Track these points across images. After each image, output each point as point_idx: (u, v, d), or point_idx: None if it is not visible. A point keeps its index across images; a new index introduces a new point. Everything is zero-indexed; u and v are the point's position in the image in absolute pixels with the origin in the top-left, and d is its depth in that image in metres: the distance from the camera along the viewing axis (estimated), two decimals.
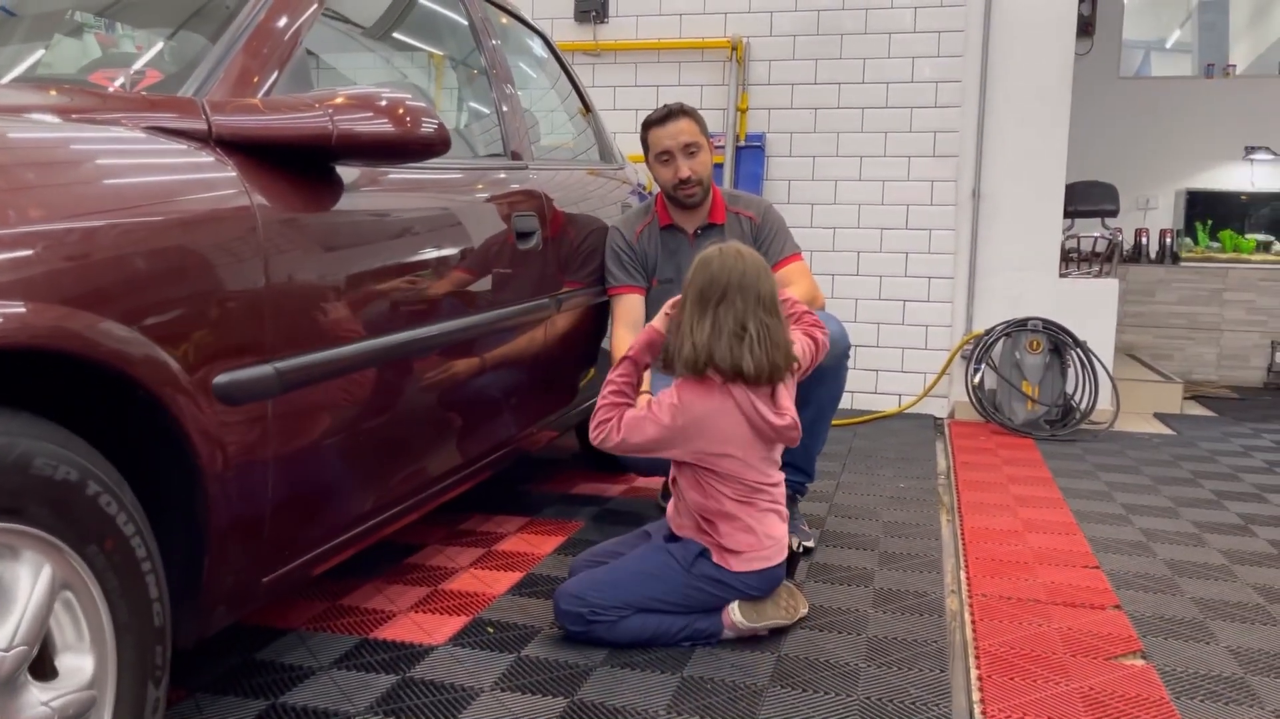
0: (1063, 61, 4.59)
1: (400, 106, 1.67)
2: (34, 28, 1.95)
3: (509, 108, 2.65)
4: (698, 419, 2.04)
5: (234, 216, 1.43)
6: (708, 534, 2.10)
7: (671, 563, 2.10)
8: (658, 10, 4.97)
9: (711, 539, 2.09)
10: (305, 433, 1.61)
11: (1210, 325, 6.17)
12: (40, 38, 1.92)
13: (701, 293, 2.02)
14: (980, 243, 4.73)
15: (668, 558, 2.11)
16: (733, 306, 2.00)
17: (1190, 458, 4.01)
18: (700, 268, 2.05)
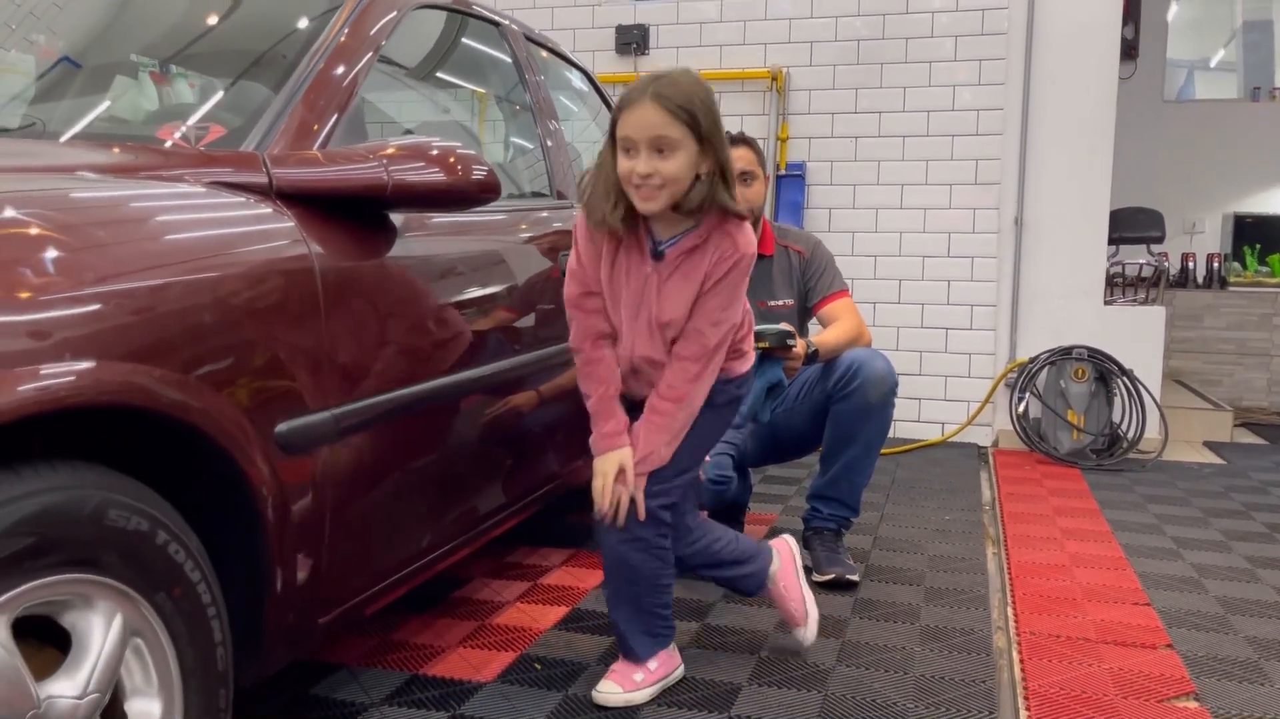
0: (1106, 88, 4.57)
1: (451, 155, 1.72)
2: (100, 77, 2.02)
3: (553, 145, 2.69)
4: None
5: (294, 268, 1.47)
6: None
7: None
8: (698, 42, 5.02)
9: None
10: (361, 477, 1.64)
11: (1260, 351, 6.07)
12: (107, 88, 1.99)
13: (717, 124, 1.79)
14: (1023, 270, 4.70)
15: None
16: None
17: (1241, 489, 3.94)
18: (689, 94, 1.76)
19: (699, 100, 1.75)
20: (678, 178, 1.75)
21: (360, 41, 1.92)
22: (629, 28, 5.06)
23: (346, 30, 1.91)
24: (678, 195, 1.77)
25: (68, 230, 1.14)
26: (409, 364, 1.78)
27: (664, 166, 1.74)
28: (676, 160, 1.74)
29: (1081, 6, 4.56)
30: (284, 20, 2.04)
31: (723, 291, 1.86)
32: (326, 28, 1.91)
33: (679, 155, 1.74)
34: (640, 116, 1.74)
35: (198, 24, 2.11)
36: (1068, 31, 4.58)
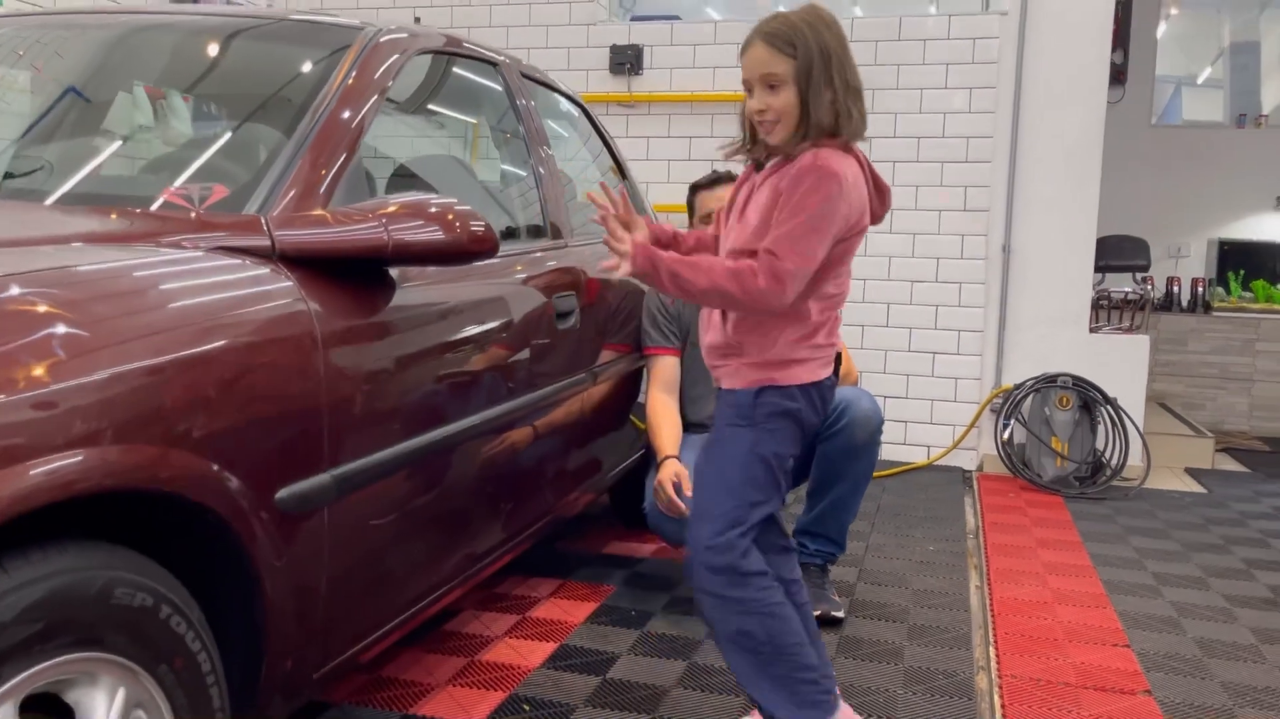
0: (1094, 118, 4.62)
1: (449, 213, 1.74)
2: (105, 118, 2.04)
3: (549, 182, 2.72)
4: (850, 190, 1.79)
5: (296, 335, 1.49)
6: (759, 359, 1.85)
7: (728, 438, 1.87)
8: (691, 64, 5.05)
9: (763, 361, 1.85)
10: (359, 533, 1.67)
11: (1242, 375, 6.14)
12: (111, 132, 2.00)
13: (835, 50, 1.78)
14: (1010, 297, 4.75)
15: (720, 440, 1.89)
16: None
17: (1221, 520, 4.00)
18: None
19: (807, 30, 1.76)
20: (788, 111, 1.77)
21: (365, 91, 1.94)
22: (623, 48, 5.08)
23: (350, 81, 1.93)
24: (792, 127, 1.78)
25: (65, 310, 1.16)
26: (408, 417, 1.80)
27: (774, 101, 1.77)
28: (784, 95, 1.76)
29: (1072, 36, 4.61)
30: (287, 71, 2.06)
31: (791, 200, 1.74)
32: (330, 79, 1.93)
33: (786, 89, 1.76)
34: (750, 55, 1.80)
35: (196, 71, 2.13)
36: (1057, 61, 4.63)
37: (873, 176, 1.89)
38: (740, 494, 1.84)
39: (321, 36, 2.14)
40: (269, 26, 2.20)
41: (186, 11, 2.30)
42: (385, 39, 2.14)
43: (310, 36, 2.15)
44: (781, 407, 1.86)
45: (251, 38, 2.16)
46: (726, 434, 1.88)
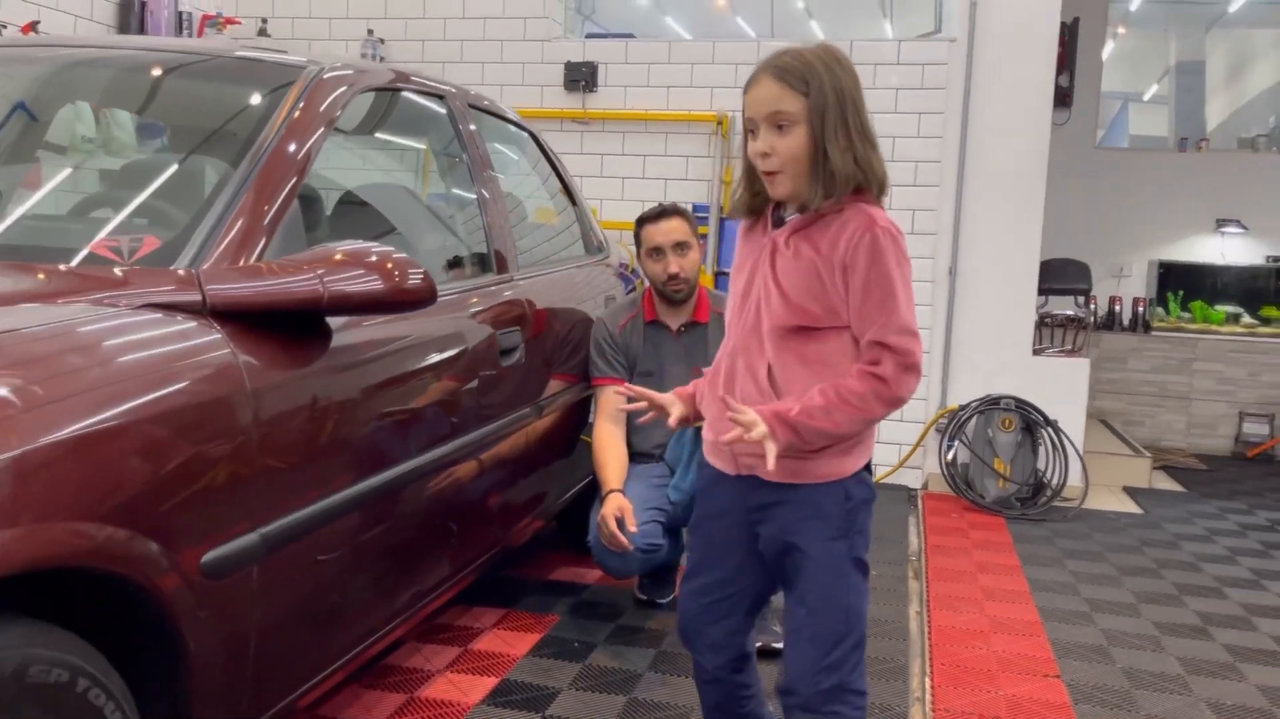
0: (1038, 144, 4.71)
1: (388, 261, 1.74)
2: (34, 160, 2.01)
3: (495, 214, 2.71)
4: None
5: (225, 393, 1.49)
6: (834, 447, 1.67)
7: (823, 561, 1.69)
8: (645, 82, 5.07)
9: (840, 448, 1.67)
10: (291, 586, 1.66)
11: (1180, 394, 6.29)
12: (41, 173, 1.98)
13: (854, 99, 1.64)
14: (955, 319, 4.83)
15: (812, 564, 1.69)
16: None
17: (1154, 542, 4.09)
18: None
19: (821, 67, 1.59)
20: (795, 156, 1.58)
21: (306, 133, 1.93)
22: (578, 65, 5.08)
23: (290, 123, 1.92)
24: (800, 177, 1.59)
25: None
26: (346, 466, 1.80)
27: (780, 144, 1.58)
28: (794, 137, 1.57)
29: (1018, 64, 4.69)
30: (225, 112, 2.04)
31: (875, 277, 1.59)
32: (270, 121, 1.91)
33: (796, 131, 1.58)
34: (756, 92, 1.61)
35: (130, 110, 2.11)
36: (1004, 88, 4.71)
37: None
38: (854, 611, 1.70)
39: (262, 75, 2.12)
40: (208, 63, 2.17)
41: (121, 45, 2.27)
42: (329, 75, 2.13)
43: (251, 75, 2.13)
44: (864, 496, 1.71)
45: (190, 75, 2.14)
46: (821, 553, 1.66)
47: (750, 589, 1.82)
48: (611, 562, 2.75)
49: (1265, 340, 6.21)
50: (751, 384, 1.69)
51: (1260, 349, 6.19)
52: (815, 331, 1.66)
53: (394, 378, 2.00)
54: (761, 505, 1.73)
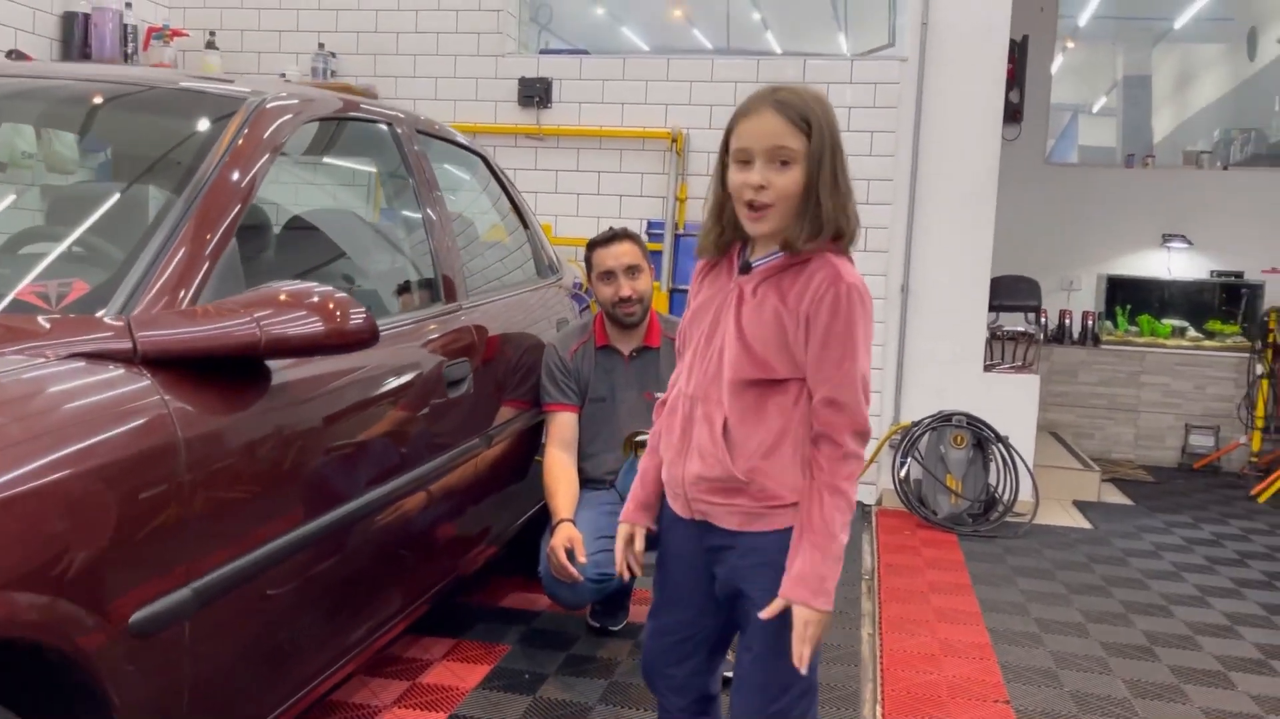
0: (989, 164, 4.76)
1: (330, 302, 1.70)
2: None
3: (443, 242, 2.68)
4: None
5: (154, 445, 1.44)
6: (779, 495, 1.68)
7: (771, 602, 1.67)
8: (600, 98, 5.05)
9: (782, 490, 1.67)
10: (227, 637, 1.62)
11: (1129, 406, 6.39)
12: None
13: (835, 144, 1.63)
14: (908, 336, 4.86)
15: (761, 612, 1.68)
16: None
17: (1103, 559, 4.15)
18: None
19: (819, 109, 1.61)
20: (791, 194, 1.59)
21: (245, 169, 1.89)
22: (532, 80, 5.06)
23: (228, 159, 1.88)
24: (788, 216, 1.60)
25: None
26: (285, 510, 1.76)
27: (779, 180, 1.58)
28: (792, 175, 1.58)
29: (968, 82, 4.74)
30: (162, 147, 2.00)
31: (836, 332, 1.59)
32: (208, 157, 1.87)
33: (795, 170, 1.58)
34: (758, 123, 1.59)
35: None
36: (954, 106, 4.75)
37: None
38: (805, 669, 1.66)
39: (202, 106, 2.07)
40: (145, 94, 2.13)
41: (57, 75, 2.21)
42: (271, 105, 2.09)
43: (189, 106, 2.08)
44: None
45: (127, 107, 2.09)
46: (767, 602, 1.63)
47: (713, 630, 1.81)
48: (562, 593, 2.73)
49: (1210, 354, 6.33)
50: (707, 434, 1.69)
51: (1205, 362, 6.31)
52: (775, 384, 1.65)
53: (337, 416, 1.97)
54: (714, 549, 1.73)
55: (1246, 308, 6.51)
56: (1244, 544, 4.52)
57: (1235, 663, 3.09)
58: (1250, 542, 4.57)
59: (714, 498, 1.69)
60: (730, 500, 1.68)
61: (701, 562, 1.76)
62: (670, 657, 1.82)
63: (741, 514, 1.68)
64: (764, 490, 1.66)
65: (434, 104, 5.15)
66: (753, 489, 1.66)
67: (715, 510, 1.70)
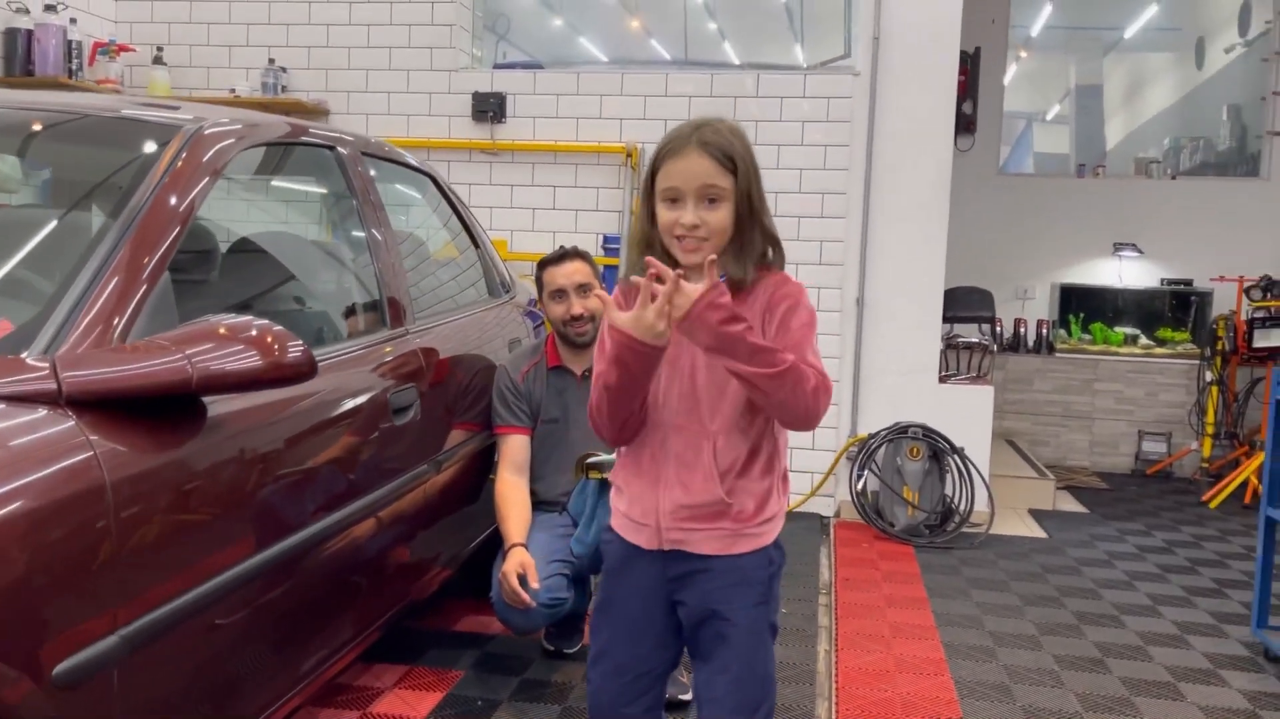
0: (941, 176, 4.80)
1: (268, 335, 1.68)
2: None
3: (389, 266, 2.65)
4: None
5: (80, 489, 1.41)
6: (758, 516, 1.73)
7: (751, 625, 1.74)
8: (555, 113, 5.04)
9: (764, 517, 1.73)
10: (160, 682, 1.59)
11: (1083, 414, 6.46)
12: None
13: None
14: (864, 348, 4.89)
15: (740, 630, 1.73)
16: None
17: (1057, 569, 4.19)
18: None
19: (740, 147, 1.68)
20: (724, 229, 1.66)
21: (179, 199, 1.85)
22: (486, 95, 5.03)
23: (161, 191, 1.84)
24: (720, 248, 1.66)
25: None
26: (222, 548, 1.73)
27: (711, 218, 1.65)
28: (722, 211, 1.65)
29: (920, 96, 4.78)
30: (94, 177, 1.96)
31: (795, 317, 1.66)
32: (140, 187, 1.83)
33: (724, 207, 1.65)
34: (687, 165, 1.65)
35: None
36: (907, 120, 4.79)
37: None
38: (770, 678, 1.75)
39: (138, 133, 2.04)
40: (81, 123, 2.08)
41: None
42: (210, 131, 2.05)
43: (126, 134, 2.04)
44: (782, 561, 1.78)
45: (61, 136, 2.04)
46: (747, 620, 1.71)
47: (667, 664, 1.84)
48: (515, 618, 2.71)
49: (1161, 361, 6.42)
50: (691, 459, 1.71)
51: (1157, 369, 6.40)
52: (749, 406, 1.69)
53: (277, 449, 1.93)
54: (683, 575, 1.75)
55: (1196, 315, 6.62)
56: (1195, 551, 4.58)
57: (1185, 673, 3.13)
58: (1201, 548, 4.63)
59: (695, 524, 1.71)
60: (713, 525, 1.71)
61: (663, 592, 1.77)
62: (627, 695, 1.81)
63: (722, 537, 1.71)
64: (744, 511, 1.71)
65: (387, 119, 5.11)
66: (734, 511, 1.70)
67: (693, 537, 1.72)
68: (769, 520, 1.74)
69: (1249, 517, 5.20)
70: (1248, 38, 7.13)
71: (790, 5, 8.93)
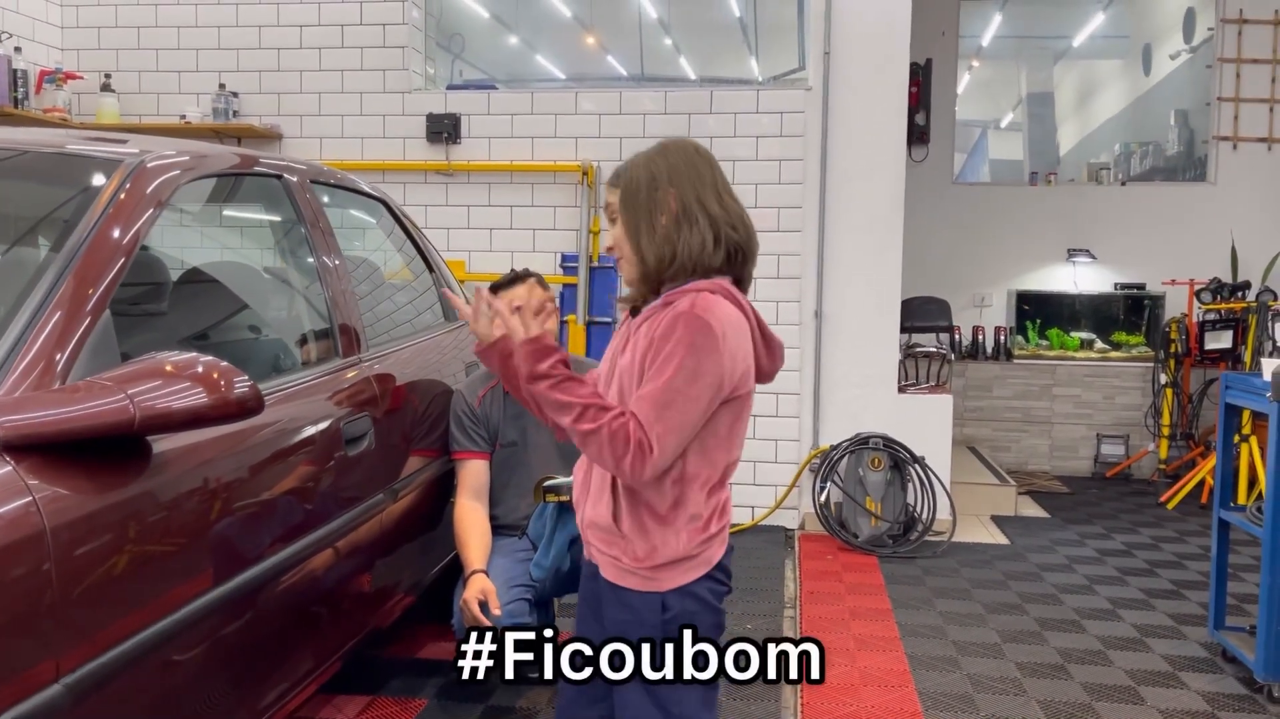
0: (895, 188, 4.85)
1: (214, 372, 1.65)
2: None
3: (341, 293, 2.62)
4: (734, 343, 1.61)
5: (15, 537, 1.38)
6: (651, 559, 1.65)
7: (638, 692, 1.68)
8: (509, 133, 5.04)
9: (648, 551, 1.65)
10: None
11: (1042, 419, 6.54)
12: None
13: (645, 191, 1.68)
14: (823, 360, 4.92)
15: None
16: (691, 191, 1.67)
17: (1019, 576, 4.23)
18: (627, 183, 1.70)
19: (640, 161, 1.68)
20: (621, 244, 1.69)
21: (121, 235, 1.83)
22: (440, 116, 5.02)
23: (101, 227, 1.81)
24: (633, 265, 1.67)
25: None
26: (172, 587, 1.70)
27: (614, 233, 1.71)
28: (617, 228, 1.69)
29: (871, 109, 4.83)
30: (31, 215, 1.93)
31: (656, 360, 1.58)
32: (79, 225, 1.80)
33: (618, 224, 1.69)
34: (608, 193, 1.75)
35: None
36: (859, 133, 4.84)
37: (760, 327, 1.70)
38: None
39: (78, 169, 2.00)
40: (15, 160, 2.04)
41: None
42: (153, 164, 2.03)
43: (64, 170, 2.01)
44: (685, 616, 1.65)
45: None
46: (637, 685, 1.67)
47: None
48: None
49: (1117, 365, 6.52)
50: (598, 477, 1.70)
51: (1113, 373, 6.50)
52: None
53: (226, 485, 1.91)
54: (599, 595, 1.75)
55: (1149, 319, 6.73)
56: (1154, 553, 4.64)
57: (1144, 677, 3.16)
58: (1160, 550, 4.70)
59: (599, 545, 1.71)
60: (609, 551, 1.69)
61: (598, 604, 1.78)
62: (581, 700, 1.82)
63: (617, 567, 1.69)
64: (633, 547, 1.65)
65: (341, 142, 5.09)
66: (623, 544, 1.66)
67: (599, 558, 1.72)
68: (660, 567, 1.64)
69: (1206, 517, 5.28)
70: (1192, 44, 7.27)
71: (744, 19, 8.99)
